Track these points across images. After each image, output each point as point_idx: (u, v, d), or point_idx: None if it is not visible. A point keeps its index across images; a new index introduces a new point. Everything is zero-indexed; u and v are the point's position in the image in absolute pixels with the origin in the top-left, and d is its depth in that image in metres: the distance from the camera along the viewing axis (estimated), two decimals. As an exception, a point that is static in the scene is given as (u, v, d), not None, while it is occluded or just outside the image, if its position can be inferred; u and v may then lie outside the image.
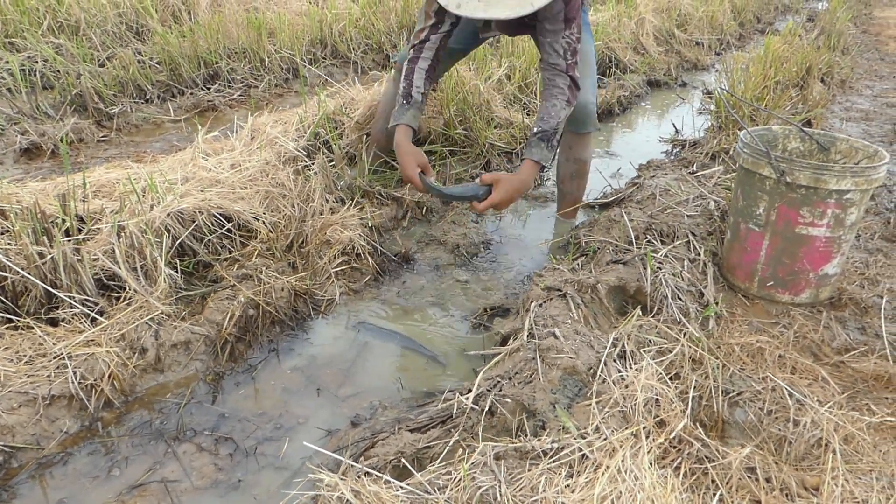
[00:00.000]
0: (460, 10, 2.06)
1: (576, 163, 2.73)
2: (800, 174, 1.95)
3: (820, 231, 2.02)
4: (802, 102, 4.04)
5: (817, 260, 2.07)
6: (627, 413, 1.54)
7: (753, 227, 2.13)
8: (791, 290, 2.14)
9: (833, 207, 1.97)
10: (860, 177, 1.93)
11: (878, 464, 1.54)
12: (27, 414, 1.62)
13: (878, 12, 11.52)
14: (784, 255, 2.09)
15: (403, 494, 1.21)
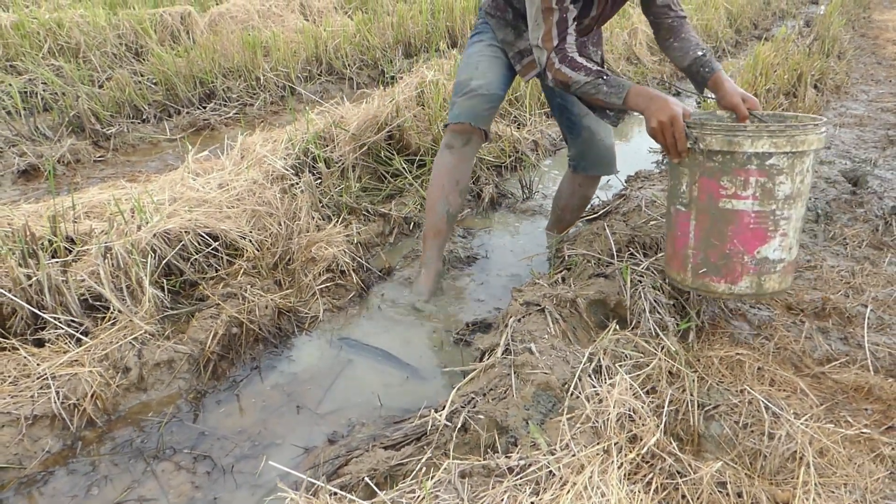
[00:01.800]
0: None
1: (581, 199, 2.75)
2: (712, 139, 1.76)
3: (746, 204, 1.79)
4: (793, 110, 4.04)
5: (750, 240, 1.83)
6: (599, 428, 1.54)
7: (680, 206, 1.92)
8: (726, 276, 1.88)
9: (756, 175, 1.76)
10: (779, 137, 1.72)
11: (852, 477, 1.54)
12: (10, 434, 1.64)
13: (878, 15, 11.51)
14: (712, 235, 1.86)
15: (367, 513, 1.23)
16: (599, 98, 1.96)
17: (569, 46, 2.02)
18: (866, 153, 4.06)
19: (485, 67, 2.36)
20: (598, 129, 2.52)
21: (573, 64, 1.99)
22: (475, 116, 2.30)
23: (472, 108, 2.30)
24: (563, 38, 2.02)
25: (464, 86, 2.34)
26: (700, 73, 2.23)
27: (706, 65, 2.22)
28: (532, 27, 2.05)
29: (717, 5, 7.89)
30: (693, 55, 2.24)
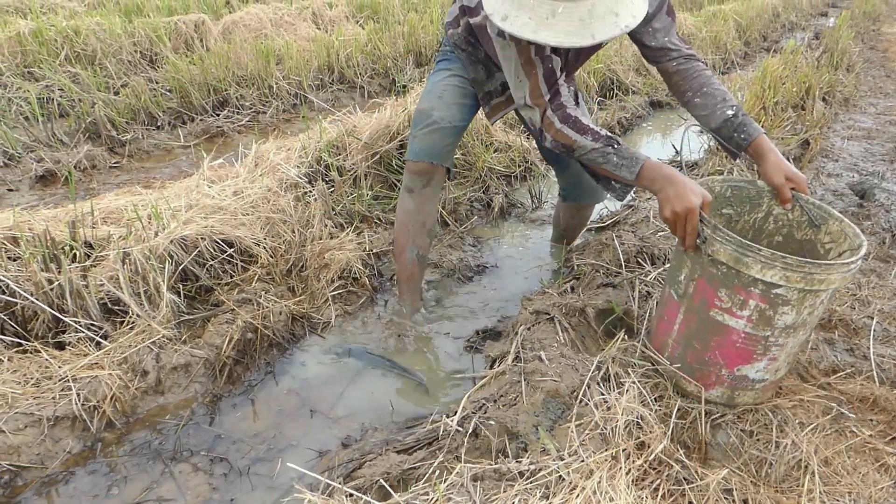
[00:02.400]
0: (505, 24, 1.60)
1: (580, 219, 2.77)
2: (720, 247, 1.57)
3: (738, 323, 1.63)
4: (801, 122, 4.08)
5: (732, 357, 1.68)
6: (607, 435, 1.58)
7: (673, 293, 1.78)
8: (699, 379, 1.76)
9: (757, 299, 1.58)
10: (794, 272, 1.50)
11: (857, 486, 1.56)
12: (32, 434, 1.69)
13: (887, 28, 11.52)
14: (695, 339, 1.72)
15: (382, 514, 1.27)
16: (607, 168, 1.81)
17: (566, 101, 1.85)
18: (874, 166, 4.08)
19: (449, 98, 2.21)
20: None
21: (578, 126, 1.81)
22: (436, 154, 2.18)
23: (432, 144, 2.17)
24: (557, 92, 1.84)
25: (425, 116, 2.19)
26: (734, 139, 1.93)
27: (741, 129, 1.91)
28: (514, 85, 1.87)
29: (727, 17, 7.93)
30: (722, 116, 1.93)
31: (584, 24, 1.57)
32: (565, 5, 1.56)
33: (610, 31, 1.58)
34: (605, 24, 1.58)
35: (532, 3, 1.57)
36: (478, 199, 3.31)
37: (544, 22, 1.57)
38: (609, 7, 1.58)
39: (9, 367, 1.85)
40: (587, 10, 1.56)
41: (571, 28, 1.57)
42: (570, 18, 1.57)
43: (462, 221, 3.13)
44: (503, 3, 1.60)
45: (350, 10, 8.21)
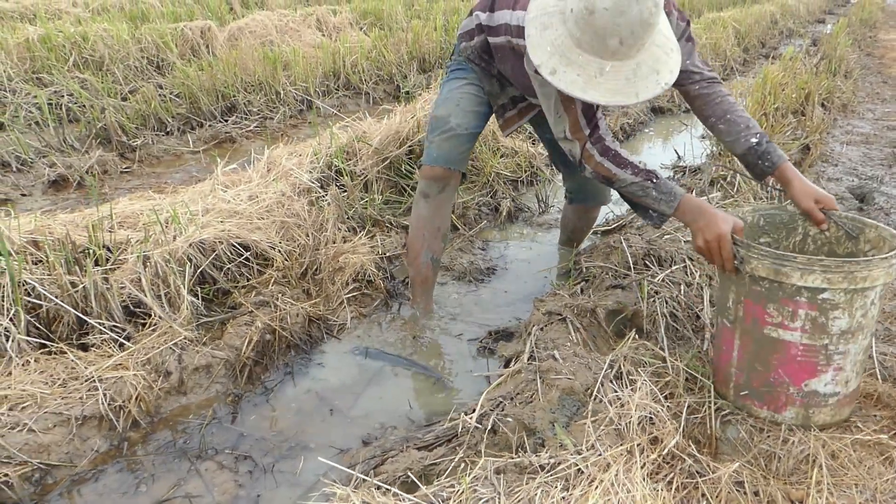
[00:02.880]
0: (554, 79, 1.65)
1: (587, 222, 2.85)
2: (758, 263, 1.60)
3: (794, 336, 1.64)
4: (801, 128, 4.14)
5: (797, 372, 1.68)
6: (622, 430, 1.63)
7: (725, 322, 1.79)
8: (769, 404, 1.75)
9: (806, 308, 1.59)
10: (835, 273, 1.53)
11: (863, 478, 1.61)
12: (61, 433, 1.74)
13: (884, 35, 11.63)
14: (756, 361, 1.72)
15: (410, 505, 1.32)
16: (647, 201, 1.89)
17: (605, 135, 1.92)
18: (873, 170, 4.15)
19: (466, 106, 2.27)
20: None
21: (618, 160, 1.88)
22: (452, 159, 2.25)
23: (449, 150, 2.24)
24: (596, 126, 1.91)
25: (443, 123, 2.26)
26: (759, 167, 1.97)
27: (765, 157, 1.95)
28: (554, 121, 1.94)
29: (726, 24, 8.02)
30: (746, 143, 1.97)
31: (630, 82, 1.63)
32: (613, 64, 1.62)
33: (652, 90, 1.64)
34: (648, 82, 1.64)
35: (581, 60, 1.63)
36: (486, 204, 3.37)
37: (592, 80, 1.62)
38: (651, 66, 1.64)
39: (36, 367, 1.90)
40: (632, 70, 1.63)
41: (617, 87, 1.63)
42: (616, 77, 1.63)
43: (471, 225, 3.18)
44: (551, 57, 1.65)
45: (354, 17, 8.29)
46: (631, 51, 1.60)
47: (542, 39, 1.67)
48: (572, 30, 1.61)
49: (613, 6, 1.52)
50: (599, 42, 1.58)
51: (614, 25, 1.54)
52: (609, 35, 1.56)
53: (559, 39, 1.64)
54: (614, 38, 1.56)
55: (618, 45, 1.58)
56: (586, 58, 1.62)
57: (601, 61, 1.62)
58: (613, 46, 1.58)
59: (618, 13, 1.53)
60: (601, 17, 1.54)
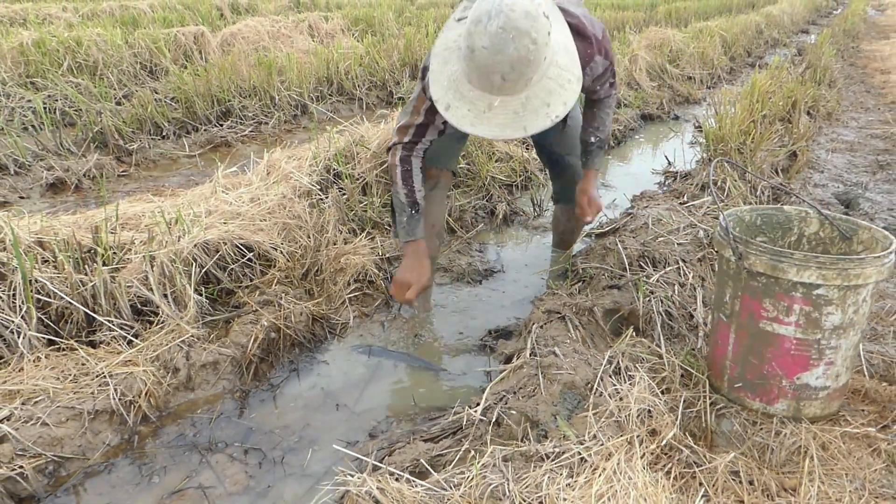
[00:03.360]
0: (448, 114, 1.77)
1: (577, 222, 2.91)
2: (756, 259, 1.68)
3: (788, 330, 1.71)
4: (788, 135, 4.24)
5: (790, 365, 1.75)
6: (622, 423, 1.69)
7: (722, 316, 1.86)
8: (762, 396, 1.82)
9: (800, 303, 1.67)
10: (830, 269, 1.60)
11: (852, 468, 1.68)
12: (74, 427, 1.77)
13: (866, 45, 11.84)
14: (751, 354, 1.79)
15: (423, 491, 1.37)
16: (399, 218, 2.20)
17: (416, 153, 2.16)
18: (857, 177, 4.25)
19: None
20: (579, 166, 2.58)
21: (405, 176, 2.15)
22: (442, 159, 2.33)
23: (438, 149, 2.29)
24: (415, 143, 2.14)
25: None
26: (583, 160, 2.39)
27: (588, 155, 2.35)
28: (403, 110, 2.18)
29: (713, 34, 8.16)
30: (586, 136, 2.33)
31: (518, 116, 1.71)
32: (501, 99, 1.70)
33: (541, 123, 1.73)
34: (538, 115, 1.72)
35: (472, 95, 1.72)
36: (482, 207, 3.43)
37: (481, 115, 1.72)
38: (542, 99, 1.72)
39: (46, 363, 1.93)
40: (521, 104, 1.71)
41: (506, 121, 1.71)
42: (505, 112, 1.72)
43: (468, 228, 3.24)
44: (447, 92, 1.75)
45: (346, 24, 8.35)
46: (516, 86, 1.68)
47: (441, 74, 1.77)
48: (464, 66, 1.70)
49: (490, 45, 1.61)
50: (484, 78, 1.67)
51: (494, 63, 1.63)
52: (491, 72, 1.65)
53: (455, 75, 1.74)
54: (496, 74, 1.65)
55: (501, 80, 1.66)
56: (477, 93, 1.71)
57: (490, 96, 1.70)
58: (497, 82, 1.66)
59: (495, 52, 1.61)
60: (481, 55, 1.63)
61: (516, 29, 1.61)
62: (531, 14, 1.62)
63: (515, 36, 1.61)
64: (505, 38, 1.61)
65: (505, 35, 1.60)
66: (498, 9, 1.61)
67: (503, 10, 1.61)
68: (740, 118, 3.68)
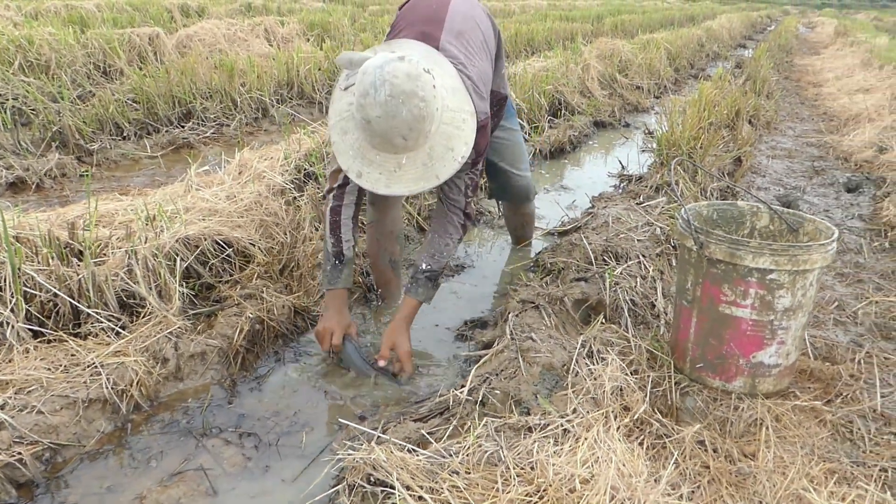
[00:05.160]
0: (361, 181, 1.85)
1: (524, 216, 3.10)
2: (716, 248, 1.84)
3: (744, 312, 1.88)
4: (733, 142, 4.51)
5: (746, 345, 1.92)
6: (598, 399, 1.83)
7: (684, 302, 2.02)
8: (721, 374, 1.99)
9: (756, 287, 1.84)
10: (781, 256, 1.78)
11: (802, 436, 1.86)
12: (68, 415, 1.80)
13: (798, 60, 12.50)
14: (711, 336, 1.95)
15: (424, 459, 1.47)
16: (322, 264, 2.19)
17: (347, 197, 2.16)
18: (796, 181, 4.55)
19: None
20: (512, 171, 2.78)
21: (334, 227, 2.17)
22: None
23: None
24: (342, 190, 2.16)
25: None
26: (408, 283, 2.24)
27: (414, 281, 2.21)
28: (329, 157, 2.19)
29: (659, 46, 8.51)
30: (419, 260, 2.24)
31: (427, 167, 1.82)
32: (407, 156, 1.82)
33: (451, 167, 1.84)
34: (445, 161, 1.83)
35: (379, 159, 1.82)
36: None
37: (393, 175, 1.81)
38: (444, 145, 1.84)
39: (36, 355, 1.95)
40: (427, 154, 1.83)
41: (417, 174, 1.82)
42: (414, 166, 1.83)
43: (437, 227, 3.35)
44: (354, 161, 1.84)
45: (301, 28, 8.37)
46: (418, 141, 1.80)
47: (344, 144, 1.86)
48: (363, 135, 1.80)
49: (384, 113, 1.71)
50: (387, 142, 1.78)
51: (391, 128, 1.74)
52: (391, 136, 1.76)
53: (357, 143, 1.83)
54: (397, 137, 1.76)
55: (402, 140, 1.77)
56: (382, 156, 1.82)
57: (396, 156, 1.81)
58: (400, 143, 1.78)
59: (390, 118, 1.72)
60: (377, 124, 1.73)
61: (403, 93, 1.70)
62: (412, 75, 1.72)
63: (405, 99, 1.71)
64: (396, 104, 1.70)
65: (395, 101, 1.70)
66: (381, 79, 1.69)
67: (386, 79, 1.69)
68: (690, 124, 3.90)
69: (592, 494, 1.42)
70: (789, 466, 1.71)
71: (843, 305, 2.71)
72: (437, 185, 1.85)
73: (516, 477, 1.44)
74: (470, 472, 1.45)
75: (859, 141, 5.33)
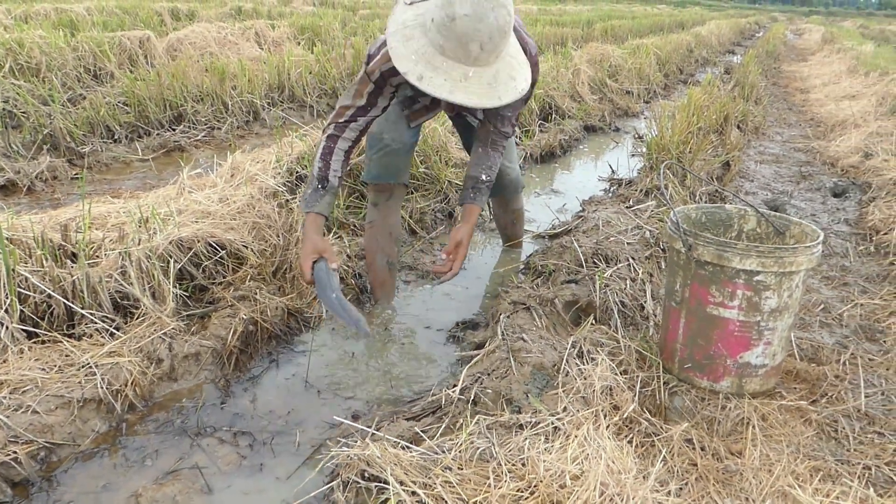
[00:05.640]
0: (422, 84, 1.81)
1: (514, 213, 3.12)
2: (704, 250, 1.87)
3: (732, 313, 1.91)
4: (721, 146, 4.56)
5: (733, 346, 1.95)
6: (588, 398, 1.85)
7: (672, 303, 2.06)
8: (709, 374, 2.02)
9: (742, 289, 1.87)
10: (768, 258, 1.81)
11: (788, 435, 1.89)
12: (63, 415, 1.81)
13: (786, 66, 12.64)
14: (699, 337, 1.99)
15: (418, 455, 1.49)
16: (308, 187, 2.24)
17: (347, 135, 2.20)
18: (783, 186, 4.61)
19: (393, 117, 2.45)
20: (505, 163, 2.78)
21: (326, 152, 2.19)
22: (391, 174, 2.45)
23: (387, 166, 2.42)
24: (347, 124, 2.19)
25: (377, 140, 2.47)
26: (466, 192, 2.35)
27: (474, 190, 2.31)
28: (344, 93, 2.24)
29: (648, 51, 8.59)
30: (474, 171, 2.33)
31: (492, 87, 1.84)
32: (475, 70, 1.83)
33: (512, 94, 1.88)
34: (508, 88, 1.87)
35: (445, 66, 1.82)
36: (441, 210, 3.58)
37: (458, 84, 1.81)
38: (508, 73, 1.89)
39: (31, 355, 1.96)
40: (493, 76, 1.86)
41: (481, 91, 1.83)
42: (479, 82, 1.85)
43: (429, 229, 3.39)
44: (416, 65, 1.83)
45: (292, 32, 8.39)
46: (490, 57, 1.83)
47: (406, 50, 1.84)
48: (435, 39, 1.81)
49: (473, 13, 1.73)
50: (462, 48, 1.78)
51: (475, 31, 1.74)
52: (471, 40, 1.76)
53: (423, 49, 1.83)
54: (475, 42, 1.77)
55: (479, 50, 1.78)
56: (450, 64, 1.82)
57: (464, 67, 1.82)
58: (475, 52, 1.79)
59: (477, 19, 1.73)
60: (461, 23, 1.74)
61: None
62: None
63: (496, 5, 1.74)
64: (486, 7, 1.73)
65: (486, 4, 1.73)
66: None
67: None
68: (680, 129, 3.95)
69: (582, 490, 1.45)
70: (775, 464, 1.75)
71: (828, 308, 2.75)
72: (497, 105, 1.87)
73: (508, 473, 1.47)
74: (462, 468, 1.47)
75: (845, 147, 5.41)
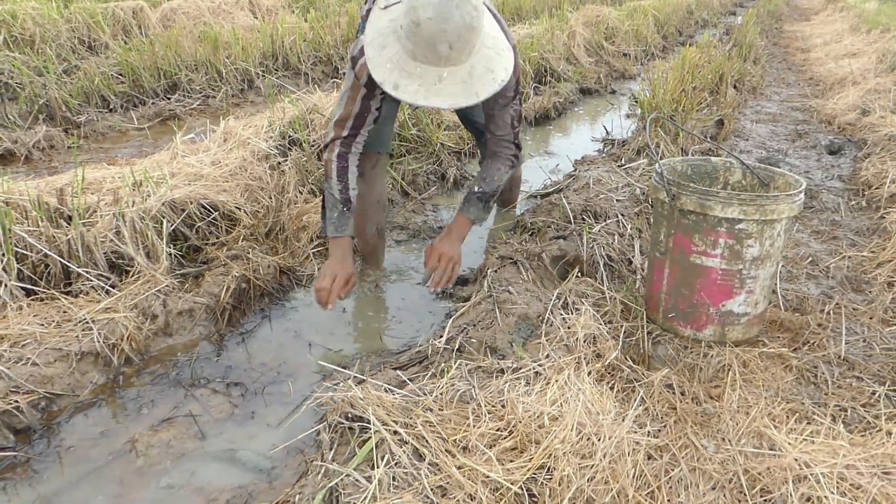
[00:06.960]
0: (398, 93, 1.82)
1: (511, 181, 3.13)
2: (686, 199, 1.89)
3: (714, 262, 1.94)
4: (716, 105, 4.55)
5: (716, 294, 1.99)
6: (571, 346, 1.90)
7: (657, 254, 2.08)
8: (692, 323, 2.06)
9: (725, 237, 1.90)
10: (749, 206, 1.83)
11: (768, 380, 1.94)
12: (62, 367, 1.87)
13: (788, 26, 12.48)
14: (683, 286, 2.02)
15: (400, 397, 1.55)
16: (326, 213, 2.20)
17: (354, 148, 2.18)
18: (779, 144, 4.61)
19: None
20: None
21: (340, 171, 2.16)
22: (376, 143, 2.42)
23: (373, 136, 2.37)
24: (354, 136, 2.16)
25: None
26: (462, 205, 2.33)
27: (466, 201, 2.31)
28: (336, 103, 2.19)
29: (646, 13, 8.50)
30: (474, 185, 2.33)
31: (467, 84, 1.82)
32: (448, 70, 1.81)
33: (490, 88, 1.85)
34: (485, 81, 1.84)
35: (419, 71, 1.82)
36: (433, 172, 3.60)
37: (432, 88, 1.80)
38: (485, 66, 1.86)
39: (29, 311, 2.02)
40: (468, 73, 1.84)
41: (458, 90, 1.81)
42: (454, 81, 1.83)
43: (421, 191, 3.42)
44: (391, 73, 1.83)
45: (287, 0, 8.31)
46: (462, 55, 1.80)
47: (382, 58, 1.85)
48: (406, 45, 1.81)
49: (436, 15, 1.71)
50: (431, 51, 1.77)
51: (441, 32, 1.73)
52: (438, 42, 1.75)
53: (396, 56, 1.83)
54: (443, 44, 1.75)
55: (448, 50, 1.77)
56: (424, 68, 1.81)
57: (437, 69, 1.81)
58: (445, 52, 1.77)
59: (442, 21, 1.72)
60: (427, 27, 1.73)
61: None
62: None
63: (459, 3, 1.72)
64: (449, 7, 1.71)
65: (449, 3, 1.71)
66: None
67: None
68: (672, 87, 3.95)
69: (560, 429, 1.50)
70: (753, 407, 1.80)
71: (816, 260, 2.78)
72: (475, 102, 1.84)
73: (487, 413, 1.52)
74: (443, 409, 1.52)
75: (843, 104, 5.38)
